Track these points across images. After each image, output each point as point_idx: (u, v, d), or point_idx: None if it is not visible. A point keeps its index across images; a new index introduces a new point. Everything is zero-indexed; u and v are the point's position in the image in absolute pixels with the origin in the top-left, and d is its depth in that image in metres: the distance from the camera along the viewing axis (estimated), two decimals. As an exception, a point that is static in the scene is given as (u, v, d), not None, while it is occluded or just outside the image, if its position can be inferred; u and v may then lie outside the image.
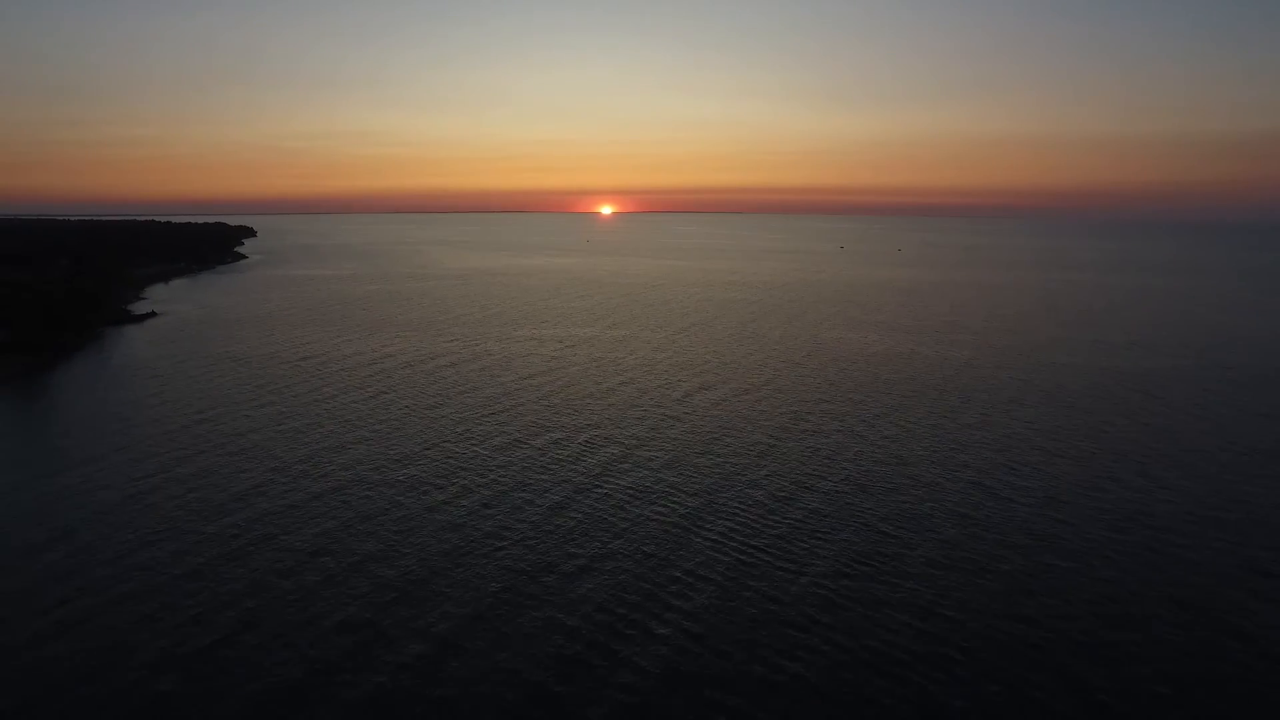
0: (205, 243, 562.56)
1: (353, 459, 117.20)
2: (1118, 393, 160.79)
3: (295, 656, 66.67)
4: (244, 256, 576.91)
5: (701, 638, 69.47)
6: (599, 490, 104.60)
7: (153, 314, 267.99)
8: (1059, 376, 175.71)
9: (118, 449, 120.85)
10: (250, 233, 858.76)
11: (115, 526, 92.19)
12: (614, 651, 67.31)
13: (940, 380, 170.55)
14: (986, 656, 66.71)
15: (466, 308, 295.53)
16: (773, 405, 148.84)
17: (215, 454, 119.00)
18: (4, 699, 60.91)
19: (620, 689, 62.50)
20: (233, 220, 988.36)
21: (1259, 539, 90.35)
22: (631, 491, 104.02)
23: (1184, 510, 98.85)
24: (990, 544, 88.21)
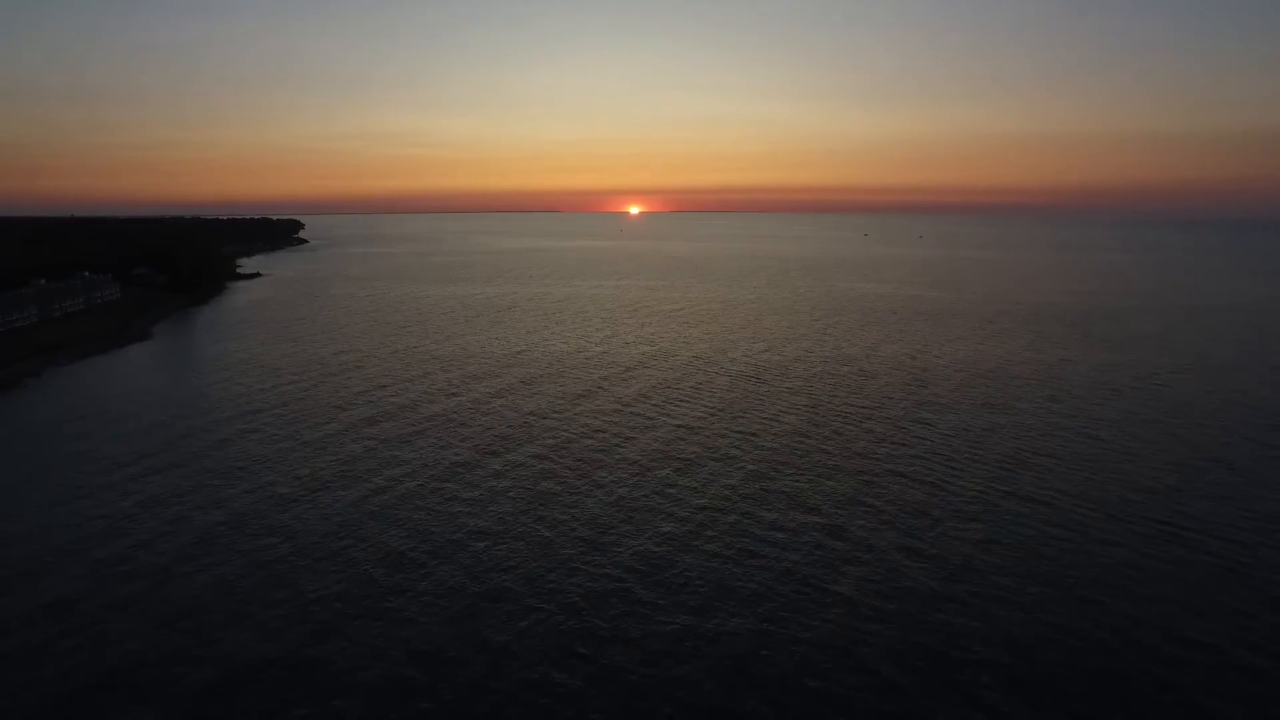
0: (269, 230, 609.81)
1: (472, 347, 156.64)
2: (1065, 319, 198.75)
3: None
4: (305, 241, 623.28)
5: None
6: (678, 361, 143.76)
7: (258, 274, 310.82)
8: (1024, 309, 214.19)
9: (291, 342, 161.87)
10: (299, 225, 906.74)
11: (328, 390, 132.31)
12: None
13: (921, 311, 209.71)
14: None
15: (535, 269, 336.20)
16: (789, 320, 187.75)
17: (359, 353, 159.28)
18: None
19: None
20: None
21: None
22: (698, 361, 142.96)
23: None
24: (954, 418, 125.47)
